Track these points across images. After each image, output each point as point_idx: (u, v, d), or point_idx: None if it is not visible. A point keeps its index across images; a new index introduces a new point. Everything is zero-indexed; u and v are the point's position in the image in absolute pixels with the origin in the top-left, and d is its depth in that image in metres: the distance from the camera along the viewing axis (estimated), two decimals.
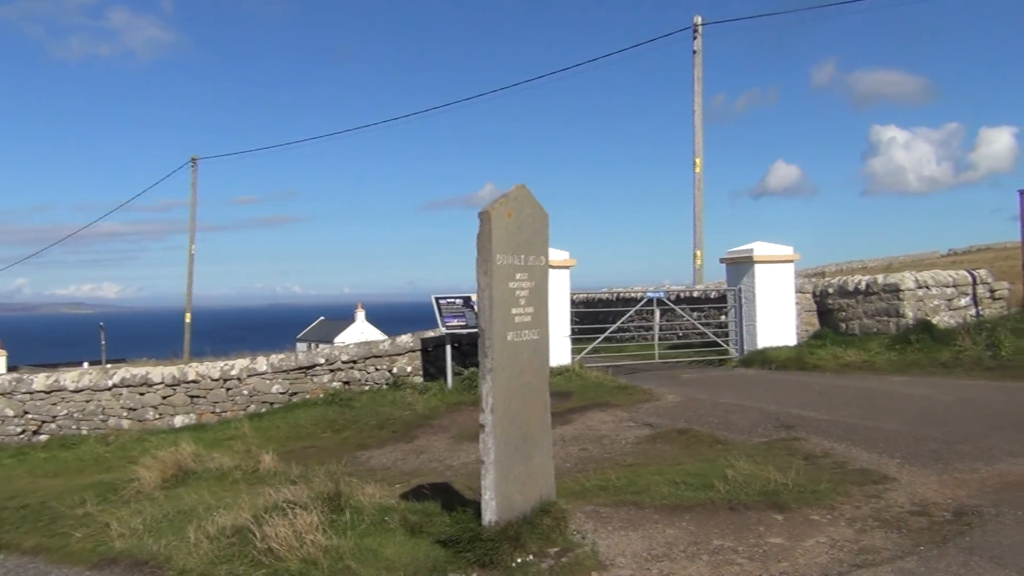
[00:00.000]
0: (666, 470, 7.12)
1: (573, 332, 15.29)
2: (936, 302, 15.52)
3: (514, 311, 5.31)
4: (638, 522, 5.77)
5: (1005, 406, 9.44)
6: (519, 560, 4.92)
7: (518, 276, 5.34)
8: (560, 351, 14.27)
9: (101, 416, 13.48)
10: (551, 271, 14.00)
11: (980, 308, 15.92)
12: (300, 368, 13.87)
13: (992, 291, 16.23)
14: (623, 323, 16.50)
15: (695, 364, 15.86)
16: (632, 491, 6.50)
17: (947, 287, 15.76)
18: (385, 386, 13.90)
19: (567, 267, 14.82)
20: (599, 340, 15.73)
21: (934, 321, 14.81)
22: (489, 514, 5.13)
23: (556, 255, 14.38)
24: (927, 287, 15.51)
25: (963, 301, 15.86)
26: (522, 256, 5.39)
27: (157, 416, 13.53)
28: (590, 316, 17.95)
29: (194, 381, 13.61)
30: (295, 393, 13.75)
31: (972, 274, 16.36)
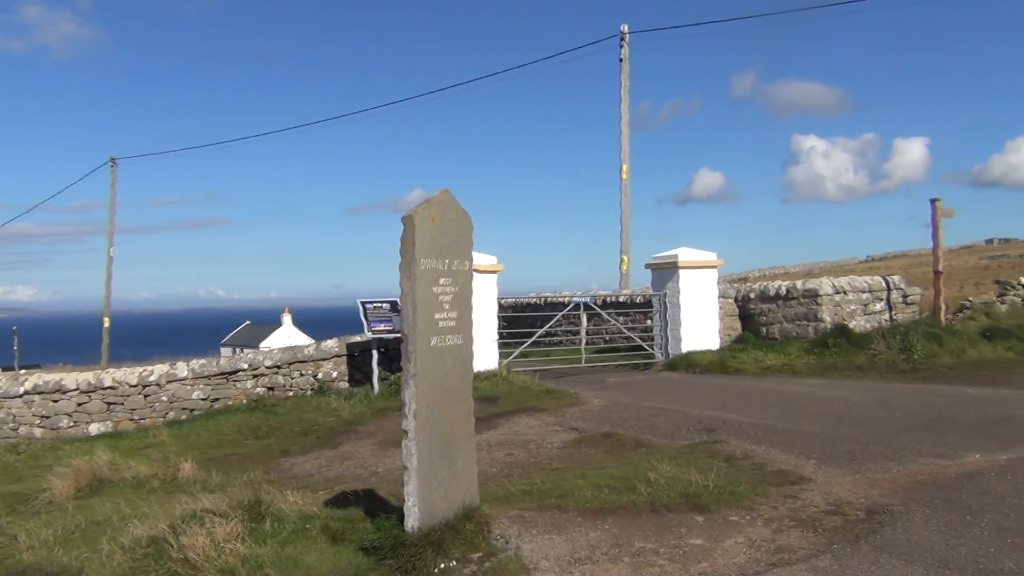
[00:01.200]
0: (591, 474, 7.18)
1: (501, 336, 15.31)
2: (853, 307, 16.00)
3: (438, 316, 5.30)
4: (562, 526, 5.80)
5: (916, 407, 9.76)
6: (442, 566, 4.90)
7: (442, 281, 5.33)
8: (487, 356, 14.28)
9: (11, 424, 13.01)
10: (478, 276, 14.06)
11: (894, 313, 16.46)
12: (222, 374, 13.59)
13: (905, 296, 16.80)
14: (551, 327, 16.61)
15: (621, 368, 16.03)
16: (557, 495, 6.53)
17: (863, 292, 16.25)
18: (310, 392, 13.71)
19: (494, 272, 14.84)
20: (527, 344, 15.80)
21: (851, 325, 15.25)
22: (412, 520, 5.09)
23: (483, 260, 14.39)
24: (844, 292, 15.98)
25: (878, 306, 16.38)
26: (446, 261, 5.37)
27: (72, 424, 13.11)
28: (518, 320, 18.00)
29: (111, 387, 13.23)
30: (217, 399, 13.47)
31: (886, 280, 16.92)
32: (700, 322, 15.86)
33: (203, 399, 13.40)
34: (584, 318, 17.72)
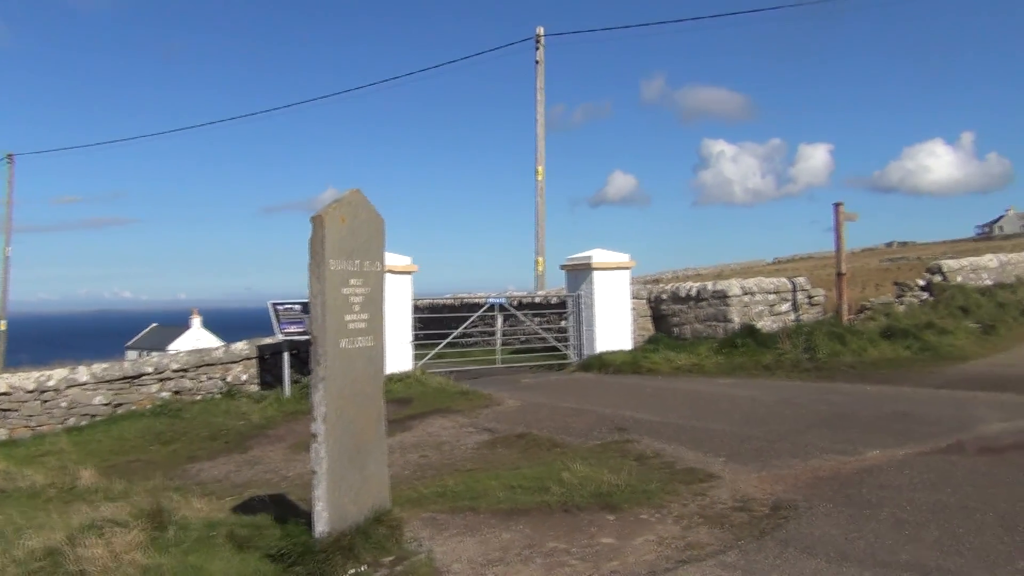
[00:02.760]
0: (504, 475, 7.19)
1: (416, 338, 15.21)
2: (760, 308, 16.42)
3: (348, 317, 5.22)
4: (475, 527, 5.78)
5: (819, 405, 10.06)
6: (352, 571, 4.83)
7: (352, 282, 5.25)
8: (402, 357, 14.17)
9: None
10: (393, 276, 13.94)
11: (799, 313, 16.96)
12: (126, 378, 13.14)
13: (810, 297, 17.33)
14: (466, 329, 16.57)
15: (536, 369, 16.11)
16: (470, 497, 6.51)
17: (770, 293, 16.70)
18: (219, 395, 13.37)
19: (409, 272, 14.73)
20: (442, 346, 15.74)
21: (758, 326, 15.65)
22: (321, 525, 5.00)
23: (398, 260, 14.28)
24: (752, 294, 16.39)
25: (784, 307, 16.85)
26: (357, 262, 5.30)
27: None
28: (434, 322, 17.91)
29: (5, 393, 12.63)
30: (120, 404, 13.01)
31: (792, 281, 17.42)
32: (613, 323, 16.05)
33: (105, 404, 12.92)
34: (500, 319, 17.75)
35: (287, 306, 13.15)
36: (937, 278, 17.79)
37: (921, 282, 17.86)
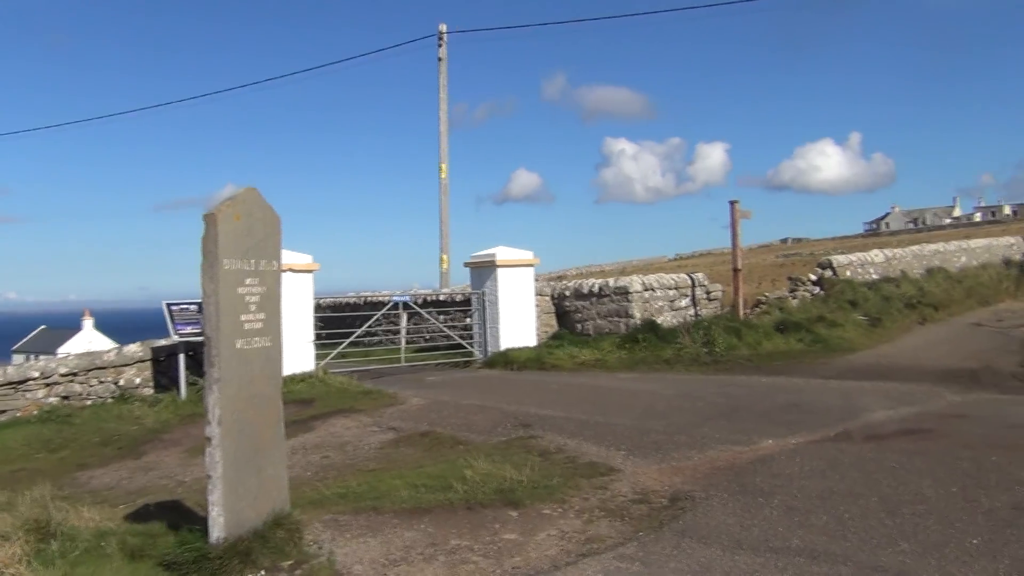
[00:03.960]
0: (407, 474, 7.15)
1: (319, 337, 14.97)
2: (660, 303, 16.77)
3: (244, 318, 5.09)
4: (377, 528, 5.73)
5: (717, 398, 10.34)
6: None
7: (248, 281, 5.13)
8: (303, 357, 13.93)
9: None
10: (294, 275, 13.70)
11: (698, 308, 17.39)
12: (9, 383, 12.53)
13: (708, 292, 17.78)
14: (370, 327, 16.41)
15: (441, 367, 16.07)
16: (372, 497, 6.46)
17: (670, 289, 17.06)
18: (111, 400, 12.87)
19: (310, 271, 14.49)
20: (344, 345, 15.55)
21: (659, 321, 15.97)
22: (217, 531, 4.88)
23: (299, 259, 14.03)
24: (653, 289, 16.71)
25: (683, 302, 17.24)
26: (252, 261, 5.18)
27: None
28: (337, 321, 17.67)
29: None
30: (3, 412, 12.40)
31: (691, 277, 17.84)
32: (518, 320, 16.14)
33: None
34: (404, 317, 17.64)
35: (182, 306, 12.76)
36: (828, 273, 18.50)
37: (813, 277, 18.55)
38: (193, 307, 12.70)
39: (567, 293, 17.62)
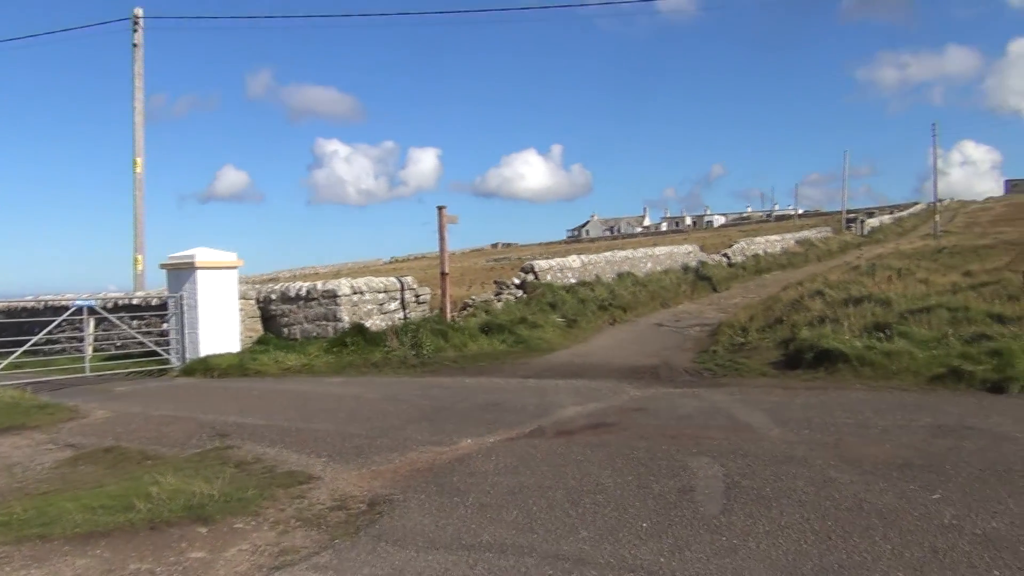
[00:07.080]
0: (84, 495, 6.53)
1: None
2: (370, 306, 16.75)
3: None
4: (43, 558, 5.17)
5: (422, 400, 10.48)
6: None
7: None
8: None
9: None
10: None
11: (408, 311, 17.57)
12: None
13: (417, 296, 18.03)
14: (50, 335, 14.91)
15: (133, 376, 14.97)
16: (40, 523, 5.82)
17: (379, 292, 17.10)
18: None
19: None
20: (18, 354, 13.99)
21: (368, 324, 15.95)
22: None
23: None
24: (362, 293, 16.66)
25: (393, 305, 17.35)
26: None
27: None
28: (11, 327, 15.88)
29: None
30: None
31: (401, 280, 18.00)
32: (219, 324, 15.41)
33: None
34: (91, 323, 16.19)
35: None
36: (530, 277, 19.46)
37: (517, 280, 19.43)
38: None
39: (273, 297, 17.09)
